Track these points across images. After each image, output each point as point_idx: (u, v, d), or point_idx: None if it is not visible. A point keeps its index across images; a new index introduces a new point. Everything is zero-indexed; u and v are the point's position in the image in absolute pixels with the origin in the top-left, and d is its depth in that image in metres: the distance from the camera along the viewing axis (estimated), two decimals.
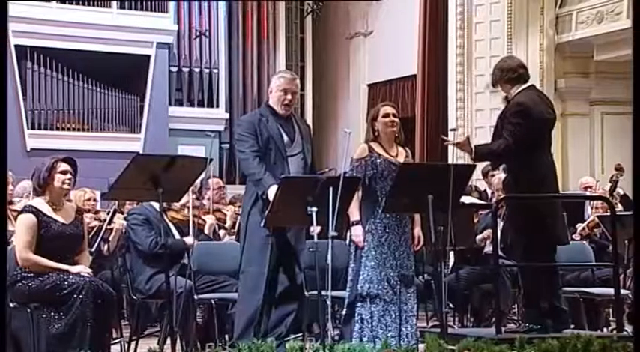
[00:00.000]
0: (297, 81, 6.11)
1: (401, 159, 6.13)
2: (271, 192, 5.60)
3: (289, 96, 5.94)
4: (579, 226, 8.42)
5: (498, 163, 5.91)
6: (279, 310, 5.82)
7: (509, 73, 6.05)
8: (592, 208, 8.71)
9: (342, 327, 6.11)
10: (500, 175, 8.51)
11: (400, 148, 6.22)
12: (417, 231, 6.22)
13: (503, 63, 6.21)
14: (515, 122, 5.86)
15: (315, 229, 5.49)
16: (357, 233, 6.03)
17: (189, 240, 6.72)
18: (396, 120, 6.17)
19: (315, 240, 5.46)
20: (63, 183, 5.61)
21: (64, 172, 5.61)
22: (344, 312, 6.07)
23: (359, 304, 6.00)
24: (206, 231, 7.45)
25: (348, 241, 6.19)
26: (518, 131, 5.84)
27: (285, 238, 5.85)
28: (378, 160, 6.06)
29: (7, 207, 6.01)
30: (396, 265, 6.05)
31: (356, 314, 5.99)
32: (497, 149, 5.94)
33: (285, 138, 5.91)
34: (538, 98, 6.10)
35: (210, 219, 7.52)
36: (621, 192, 9.00)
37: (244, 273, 5.82)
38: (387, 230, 6.06)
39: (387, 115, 6.14)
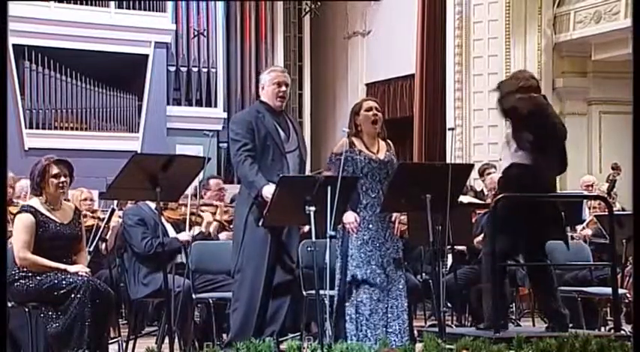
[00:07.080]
0: (287, 73, 6.06)
1: (382, 154, 6.00)
2: (265, 191, 5.56)
3: (284, 88, 5.87)
4: (579, 228, 8.42)
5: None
6: (273, 306, 5.78)
7: (523, 82, 5.98)
8: (589, 208, 8.71)
9: (334, 327, 6.00)
10: (493, 175, 8.54)
11: (382, 143, 6.08)
12: (397, 215, 6.06)
13: (518, 73, 6.21)
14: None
15: (305, 228, 5.40)
16: (349, 219, 5.83)
17: (182, 236, 6.70)
18: (379, 114, 6.04)
19: (313, 239, 5.44)
20: (57, 186, 5.60)
21: (56, 176, 5.58)
22: (334, 311, 5.90)
23: (347, 303, 5.88)
24: (203, 229, 7.43)
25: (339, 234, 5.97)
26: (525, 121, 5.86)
27: (281, 235, 5.80)
28: (357, 156, 5.92)
29: (6, 207, 5.99)
30: (382, 262, 5.91)
31: (345, 313, 5.88)
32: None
33: (282, 134, 5.85)
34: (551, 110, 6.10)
35: (208, 217, 7.49)
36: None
37: (243, 271, 5.76)
38: (371, 227, 5.93)
39: (369, 109, 6.01)
